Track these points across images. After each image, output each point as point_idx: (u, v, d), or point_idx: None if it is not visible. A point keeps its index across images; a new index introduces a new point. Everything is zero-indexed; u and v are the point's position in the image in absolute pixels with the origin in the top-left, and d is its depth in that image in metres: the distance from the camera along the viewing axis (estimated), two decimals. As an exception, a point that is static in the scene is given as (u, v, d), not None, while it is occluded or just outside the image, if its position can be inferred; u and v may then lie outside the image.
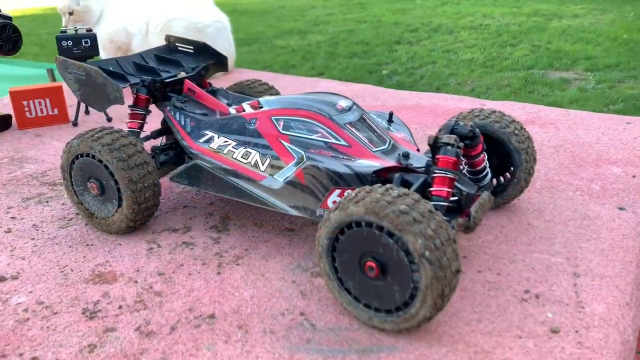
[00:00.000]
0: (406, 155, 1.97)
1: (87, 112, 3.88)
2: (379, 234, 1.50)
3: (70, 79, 2.36)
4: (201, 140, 2.17)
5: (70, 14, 4.67)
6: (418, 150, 2.13)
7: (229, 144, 2.10)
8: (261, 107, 2.22)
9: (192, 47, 2.76)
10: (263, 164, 2.00)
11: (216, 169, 2.08)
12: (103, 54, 4.73)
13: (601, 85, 4.63)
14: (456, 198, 1.85)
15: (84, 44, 3.48)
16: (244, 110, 2.30)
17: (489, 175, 2.09)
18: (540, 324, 1.64)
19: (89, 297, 1.82)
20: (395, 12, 9.66)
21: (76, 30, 3.51)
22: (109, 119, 3.73)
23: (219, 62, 2.70)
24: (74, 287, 1.88)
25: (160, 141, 2.51)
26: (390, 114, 2.27)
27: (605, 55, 5.58)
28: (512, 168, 2.23)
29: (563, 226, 2.18)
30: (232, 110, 2.33)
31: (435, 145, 1.82)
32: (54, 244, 2.16)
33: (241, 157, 2.04)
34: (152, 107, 2.46)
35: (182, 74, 2.56)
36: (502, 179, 2.28)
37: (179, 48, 2.81)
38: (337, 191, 1.85)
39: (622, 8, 8.37)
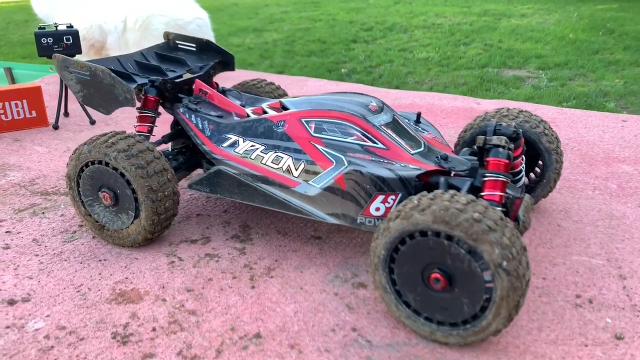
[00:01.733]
0: (445, 158, 1.89)
1: (66, 114, 3.63)
2: (448, 243, 1.41)
3: (72, 80, 2.16)
4: (224, 145, 2.03)
5: None
6: (452, 151, 2.05)
7: (257, 149, 1.97)
8: (285, 109, 2.10)
9: (194, 45, 2.60)
10: (296, 170, 1.87)
11: (243, 175, 1.94)
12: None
13: (553, 83, 4.78)
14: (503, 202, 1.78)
15: (65, 41, 3.24)
16: (263, 112, 2.17)
17: (524, 177, 2.04)
18: (602, 330, 1.59)
19: (116, 319, 1.65)
20: (349, 11, 9.64)
21: (56, 27, 3.27)
22: (92, 122, 3.50)
23: (225, 60, 2.54)
24: (95, 309, 1.70)
25: (170, 146, 2.34)
26: (418, 115, 2.18)
27: (554, 54, 5.75)
28: (539, 169, 2.20)
29: (593, 227, 2.16)
30: (250, 112, 2.20)
31: (484, 147, 1.75)
32: (61, 260, 1.97)
33: (271, 162, 1.91)
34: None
35: (187, 75, 2.40)
36: (527, 180, 2.24)
37: (180, 46, 2.64)
38: (381, 197, 1.75)
39: (565, 8, 8.67)
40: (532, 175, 2.24)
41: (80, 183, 2.01)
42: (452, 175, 1.81)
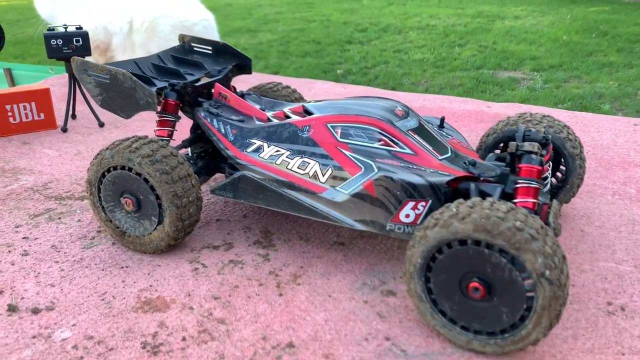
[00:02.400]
0: (473, 164, 1.87)
1: (73, 116, 3.58)
2: (489, 252, 1.40)
3: (90, 83, 2.13)
4: (249, 150, 2.00)
5: None
6: (479, 157, 2.03)
7: (282, 154, 1.94)
8: (309, 114, 2.07)
9: (210, 48, 2.57)
10: (323, 175, 1.85)
11: (268, 180, 1.92)
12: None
13: (548, 85, 4.82)
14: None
15: (75, 43, 3.20)
16: (285, 116, 2.15)
17: (549, 182, 2.03)
18: (638, 338, 1.58)
19: (144, 329, 1.62)
20: (343, 11, 9.64)
21: (66, 28, 3.22)
22: (101, 124, 3.45)
23: (242, 63, 2.51)
24: (122, 317, 1.67)
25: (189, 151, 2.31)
26: (442, 119, 2.17)
27: (548, 56, 5.80)
28: (560, 174, 2.19)
29: (616, 232, 2.15)
30: (271, 116, 2.17)
31: (515, 154, 1.74)
32: (82, 267, 1.94)
33: (297, 167, 1.89)
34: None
35: (205, 78, 2.37)
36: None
37: (195, 48, 2.61)
38: (411, 203, 1.73)
39: (559, 10, 8.73)
40: (553, 180, 2.23)
41: (102, 189, 1.98)
42: (480, 181, 1.80)
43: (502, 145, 2.23)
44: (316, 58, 6.27)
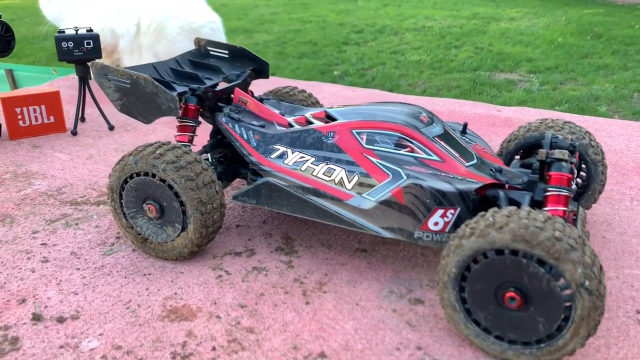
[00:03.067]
0: (500, 170, 1.86)
1: (82, 119, 3.55)
2: (527, 262, 1.38)
3: (110, 87, 2.10)
4: (273, 156, 1.98)
5: None
6: (504, 163, 2.02)
7: (307, 160, 1.92)
8: (332, 119, 2.06)
9: (227, 52, 2.55)
10: (350, 182, 1.83)
11: (293, 187, 1.90)
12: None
13: (545, 87, 4.85)
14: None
15: (85, 45, 3.17)
16: (307, 122, 2.13)
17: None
18: (670, 348, 1.57)
19: (173, 338, 1.60)
20: (339, 12, 9.64)
21: (76, 31, 3.19)
22: (111, 127, 3.43)
23: (259, 68, 2.50)
24: (149, 326, 1.65)
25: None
26: (465, 125, 2.15)
27: (544, 58, 5.83)
28: (580, 180, 2.18)
29: (638, 239, 2.14)
30: (292, 121, 2.16)
31: (545, 161, 1.73)
32: (104, 275, 1.91)
33: (323, 174, 1.87)
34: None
35: (223, 82, 2.35)
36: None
37: (211, 52, 2.59)
38: (440, 211, 1.72)
39: (553, 12, 8.80)
40: (574, 186, 2.22)
41: (123, 195, 1.96)
42: (507, 188, 1.79)
43: (521, 151, 2.23)
44: (313, 59, 6.26)
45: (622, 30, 7.16)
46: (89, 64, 2.20)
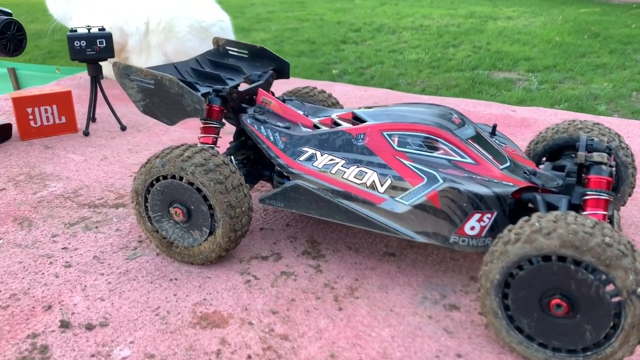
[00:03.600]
0: (534, 173, 1.83)
1: (93, 119, 3.50)
2: (575, 269, 1.35)
3: (133, 88, 2.06)
4: (301, 158, 1.94)
5: None
6: (536, 166, 1.99)
7: (337, 162, 1.89)
8: (359, 120, 2.02)
9: (246, 52, 2.51)
10: (382, 185, 1.80)
11: (322, 190, 1.86)
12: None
13: (544, 85, 4.85)
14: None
15: (98, 44, 3.12)
16: (334, 123, 2.09)
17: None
18: None
19: (206, 346, 1.56)
20: (336, 11, 9.60)
21: (89, 29, 3.14)
22: (123, 128, 3.38)
23: (279, 68, 2.45)
24: (181, 334, 1.61)
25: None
26: (494, 127, 2.12)
27: (542, 57, 5.83)
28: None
29: (668, 242, 2.12)
30: (317, 123, 2.12)
31: (584, 164, 1.70)
32: (130, 280, 1.87)
33: (354, 177, 1.83)
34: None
35: (244, 83, 2.31)
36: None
37: (230, 52, 2.54)
38: (477, 215, 1.69)
39: (550, 11, 8.80)
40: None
41: (149, 198, 1.91)
42: (542, 191, 1.76)
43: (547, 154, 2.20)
44: (311, 58, 6.23)
45: (618, 30, 7.16)
46: (111, 63, 2.15)
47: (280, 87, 4.16)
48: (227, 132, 3.04)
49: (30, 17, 9.42)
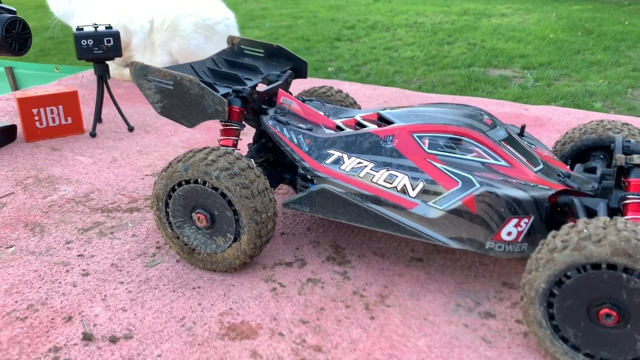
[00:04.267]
0: (567, 176, 1.78)
1: (99, 120, 3.42)
2: (627, 277, 1.30)
3: (150, 89, 1.99)
4: (327, 162, 1.88)
5: None
6: (568, 168, 1.94)
7: (365, 166, 1.82)
8: (384, 121, 1.96)
9: (262, 51, 2.44)
10: (413, 189, 1.74)
11: (351, 194, 1.80)
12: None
13: (540, 83, 4.84)
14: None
15: (106, 43, 3.04)
16: (358, 125, 2.03)
17: None
18: None
19: (237, 359, 1.50)
20: (329, 8, 9.54)
21: (96, 28, 3.06)
22: (131, 129, 3.30)
23: (297, 67, 2.39)
24: (209, 346, 1.55)
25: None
26: (522, 128, 2.06)
27: (537, 54, 5.82)
28: None
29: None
30: (340, 124, 2.06)
31: (623, 167, 1.64)
32: (151, 289, 1.80)
33: (383, 181, 1.77)
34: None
35: (262, 83, 2.25)
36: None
37: (246, 51, 2.48)
38: (514, 220, 1.63)
39: (543, 8, 8.80)
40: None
41: (170, 203, 1.84)
42: (577, 194, 1.70)
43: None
44: (306, 55, 6.18)
45: (612, 27, 7.15)
46: (128, 63, 2.07)
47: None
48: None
49: (21, 14, 9.28)
